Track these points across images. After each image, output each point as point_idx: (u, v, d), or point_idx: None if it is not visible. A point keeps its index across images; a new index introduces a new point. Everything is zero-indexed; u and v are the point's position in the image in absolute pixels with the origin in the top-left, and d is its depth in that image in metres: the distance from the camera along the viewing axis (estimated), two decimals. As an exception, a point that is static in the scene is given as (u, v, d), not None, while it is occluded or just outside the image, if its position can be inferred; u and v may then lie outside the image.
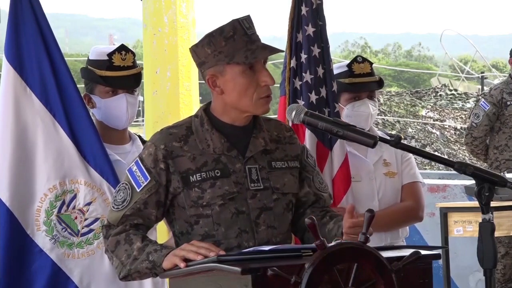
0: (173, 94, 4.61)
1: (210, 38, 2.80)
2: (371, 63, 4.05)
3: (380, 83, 4.04)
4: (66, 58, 3.65)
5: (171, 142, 2.83)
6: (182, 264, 2.60)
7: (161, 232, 3.81)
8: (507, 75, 6.89)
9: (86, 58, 3.75)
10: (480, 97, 6.85)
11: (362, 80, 3.99)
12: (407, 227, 4.12)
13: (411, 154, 3.98)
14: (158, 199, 2.83)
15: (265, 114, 2.95)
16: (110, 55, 3.61)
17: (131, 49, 3.73)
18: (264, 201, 2.85)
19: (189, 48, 2.90)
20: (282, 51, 2.85)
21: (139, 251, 2.75)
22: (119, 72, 3.59)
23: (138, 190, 2.82)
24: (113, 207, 2.86)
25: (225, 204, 2.81)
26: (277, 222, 2.87)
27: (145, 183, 2.82)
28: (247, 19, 2.83)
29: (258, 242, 2.81)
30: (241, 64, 2.77)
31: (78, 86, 3.59)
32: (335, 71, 4.04)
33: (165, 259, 2.68)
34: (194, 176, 2.80)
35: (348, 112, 3.97)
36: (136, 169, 2.85)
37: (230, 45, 2.78)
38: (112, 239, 2.81)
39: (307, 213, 2.96)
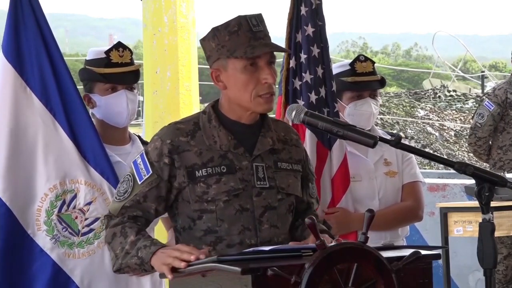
0: (173, 94, 4.62)
1: (215, 32, 2.81)
2: (373, 62, 4.05)
3: (382, 82, 4.05)
4: (65, 58, 3.65)
5: (177, 137, 2.83)
6: (170, 276, 2.61)
7: (159, 232, 3.80)
8: (505, 75, 6.87)
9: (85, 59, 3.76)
10: (484, 97, 6.80)
11: (365, 79, 3.99)
12: (407, 226, 4.13)
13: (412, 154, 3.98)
14: (159, 194, 2.83)
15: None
16: (107, 52, 3.62)
17: (131, 49, 3.73)
18: (269, 200, 2.85)
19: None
20: (285, 50, 2.84)
21: (131, 245, 2.75)
22: (118, 69, 3.60)
23: (139, 183, 2.83)
24: (116, 198, 2.88)
25: (230, 200, 2.80)
26: (280, 222, 2.87)
27: (147, 176, 2.82)
28: (256, 17, 2.83)
29: (260, 241, 2.81)
30: (241, 58, 2.77)
31: (77, 87, 3.59)
32: (337, 70, 4.04)
33: (153, 259, 2.68)
34: (200, 171, 2.81)
35: (350, 111, 3.98)
36: (140, 161, 2.86)
37: (233, 39, 2.78)
38: (109, 230, 2.82)
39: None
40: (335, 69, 4.06)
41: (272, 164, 2.88)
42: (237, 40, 2.78)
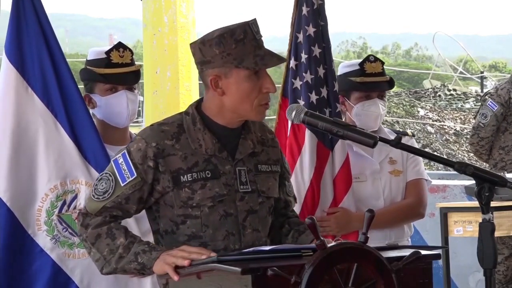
0: (173, 94, 4.62)
1: (220, 39, 2.75)
2: (382, 63, 4.05)
3: (391, 83, 4.04)
4: (66, 58, 3.65)
5: (163, 140, 2.79)
6: (176, 278, 2.59)
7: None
8: (505, 75, 6.84)
9: (86, 59, 3.76)
10: (486, 97, 6.75)
11: (374, 80, 3.99)
12: (411, 225, 4.13)
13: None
14: (141, 196, 2.80)
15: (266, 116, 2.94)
16: (108, 52, 3.62)
17: (131, 49, 3.74)
18: (251, 204, 2.84)
19: (192, 44, 2.85)
20: (285, 60, 2.84)
21: (124, 249, 2.73)
22: (118, 69, 3.60)
23: (122, 185, 2.79)
24: (93, 196, 2.82)
25: (215, 206, 2.79)
26: (261, 226, 2.87)
27: (130, 179, 2.78)
28: (255, 23, 2.80)
29: (244, 245, 2.80)
30: (249, 69, 2.76)
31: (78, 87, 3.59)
32: (346, 69, 4.04)
33: (156, 263, 2.67)
34: (185, 176, 2.78)
35: (358, 111, 3.98)
36: (122, 161, 2.80)
37: (240, 48, 2.75)
38: (92, 231, 2.77)
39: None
40: (344, 68, 4.06)
41: (252, 168, 2.87)
42: (243, 49, 2.75)
